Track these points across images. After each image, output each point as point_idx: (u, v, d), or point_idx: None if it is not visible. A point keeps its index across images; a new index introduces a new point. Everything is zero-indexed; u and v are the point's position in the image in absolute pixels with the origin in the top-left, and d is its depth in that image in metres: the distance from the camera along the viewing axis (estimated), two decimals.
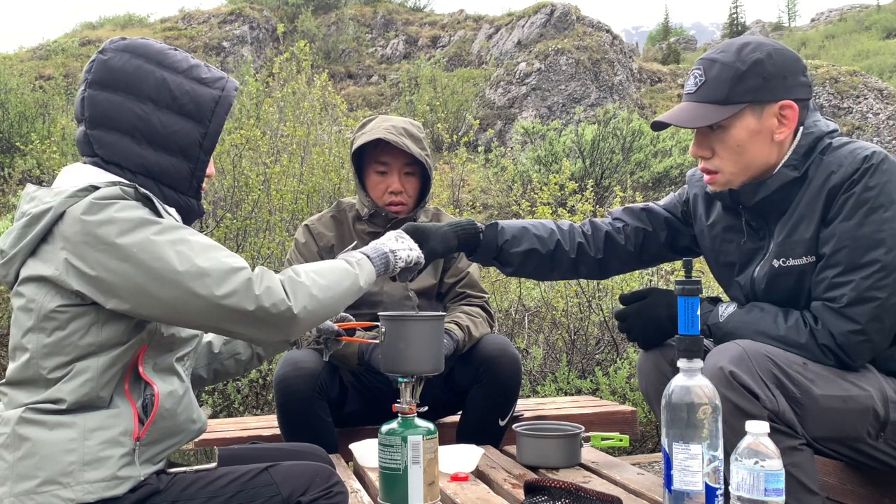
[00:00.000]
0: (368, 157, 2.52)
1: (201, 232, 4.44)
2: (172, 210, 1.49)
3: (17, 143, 9.76)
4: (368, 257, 1.62)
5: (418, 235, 1.85)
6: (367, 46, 23.56)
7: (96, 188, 1.35)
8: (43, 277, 1.34)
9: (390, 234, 1.74)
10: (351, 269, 1.54)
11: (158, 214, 1.38)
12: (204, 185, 1.53)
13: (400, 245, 1.71)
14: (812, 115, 1.74)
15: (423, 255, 1.77)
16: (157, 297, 1.31)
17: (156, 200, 1.40)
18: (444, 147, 13.97)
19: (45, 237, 1.35)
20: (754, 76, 1.67)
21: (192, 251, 1.32)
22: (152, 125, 1.43)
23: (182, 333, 1.45)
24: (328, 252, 2.53)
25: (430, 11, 26.76)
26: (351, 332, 1.88)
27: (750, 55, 1.68)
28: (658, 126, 1.81)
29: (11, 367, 1.39)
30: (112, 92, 1.42)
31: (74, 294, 1.33)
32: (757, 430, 1.27)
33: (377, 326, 1.81)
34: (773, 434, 1.32)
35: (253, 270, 1.37)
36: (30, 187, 1.44)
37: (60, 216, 1.33)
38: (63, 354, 1.34)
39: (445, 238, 1.92)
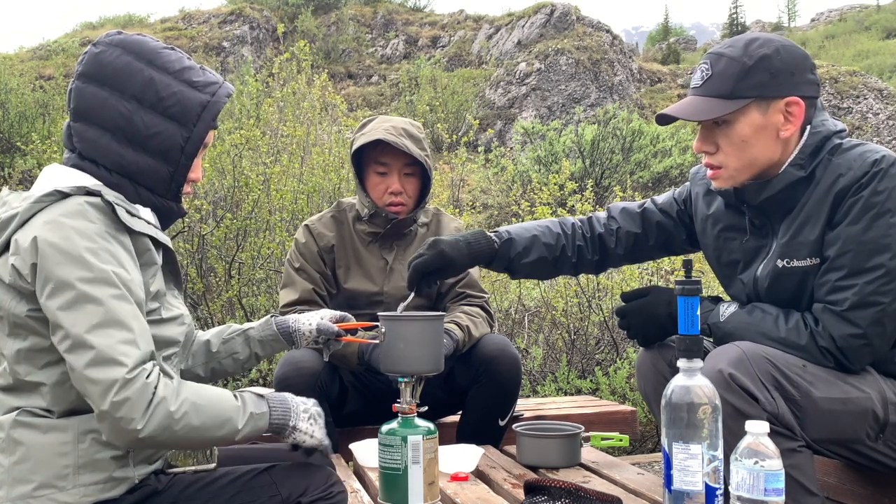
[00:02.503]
0: (368, 157, 2.52)
1: (199, 230, 4.45)
2: (146, 212, 1.46)
3: (18, 143, 9.75)
4: (270, 410, 1.43)
5: (440, 259, 1.92)
6: (367, 46, 23.55)
7: (62, 193, 1.34)
8: (3, 283, 1.33)
9: (304, 411, 1.49)
10: (237, 419, 1.37)
11: (121, 225, 1.35)
12: (188, 187, 1.50)
13: (307, 426, 1.48)
14: (820, 114, 1.74)
15: (328, 445, 1.53)
16: (49, 335, 1.29)
17: (123, 208, 1.37)
18: (444, 147, 13.97)
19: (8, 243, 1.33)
20: (761, 71, 1.66)
21: (93, 316, 1.25)
22: (134, 124, 1.40)
23: (165, 333, 1.42)
24: (328, 252, 2.53)
25: (430, 11, 26.73)
26: (351, 332, 1.88)
27: (757, 50, 1.67)
28: (663, 119, 1.80)
29: None
30: (99, 86, 1.41)
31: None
32: (757, 430, 1.27)
33: (377, 326, 1.81)
34: (773, 436, 1.31)
35: (148, 366, 1.27)
36: (3, 192, 1.43)
37: (25, 223, 1.32)
38: (40, 359, 1.33)
39: (462, 263, 1.97)
